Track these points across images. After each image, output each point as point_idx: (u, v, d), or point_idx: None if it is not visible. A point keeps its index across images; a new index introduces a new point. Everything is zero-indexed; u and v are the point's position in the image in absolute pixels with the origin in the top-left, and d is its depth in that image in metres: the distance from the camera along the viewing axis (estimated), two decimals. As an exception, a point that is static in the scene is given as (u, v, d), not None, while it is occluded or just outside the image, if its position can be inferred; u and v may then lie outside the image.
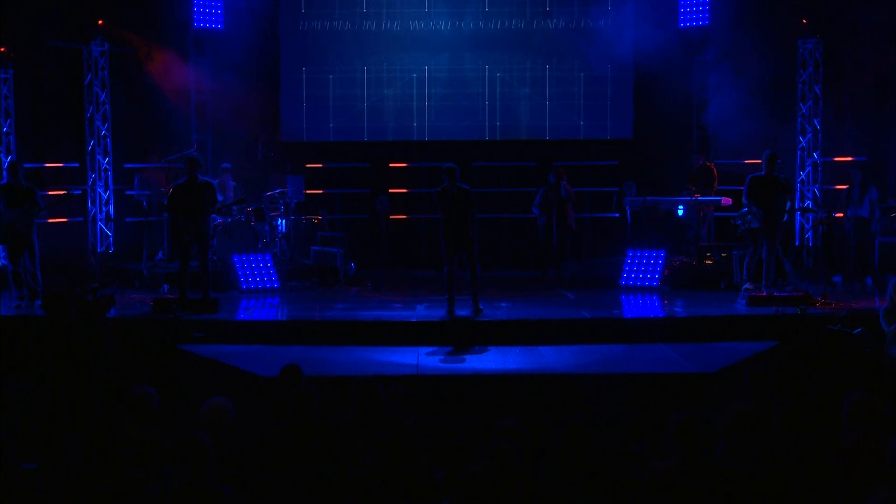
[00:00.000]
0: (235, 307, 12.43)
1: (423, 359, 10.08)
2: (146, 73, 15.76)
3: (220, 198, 12.85)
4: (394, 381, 8.37)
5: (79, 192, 14.91)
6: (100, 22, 15.39)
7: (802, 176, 15.62)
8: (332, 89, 16.70)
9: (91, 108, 15.51)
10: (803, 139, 15.66)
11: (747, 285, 12.36)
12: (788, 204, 12.51)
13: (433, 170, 16.60)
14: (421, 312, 11.83)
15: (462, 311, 11.52)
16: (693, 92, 16.34)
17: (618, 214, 15.96)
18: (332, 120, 16.75)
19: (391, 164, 17.02)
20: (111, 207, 15.68)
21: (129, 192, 15.48)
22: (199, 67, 16.20)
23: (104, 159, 15.64)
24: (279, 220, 15.08)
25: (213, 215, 12.82)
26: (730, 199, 14.26)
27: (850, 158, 15.17)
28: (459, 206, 11.32)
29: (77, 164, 15.55)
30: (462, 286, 11.82)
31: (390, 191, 16.75)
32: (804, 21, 15.45)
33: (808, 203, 15.30)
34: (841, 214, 13.91)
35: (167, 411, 6.71)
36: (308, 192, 15.76)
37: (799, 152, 15.71)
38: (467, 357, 10.20)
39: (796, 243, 15.52)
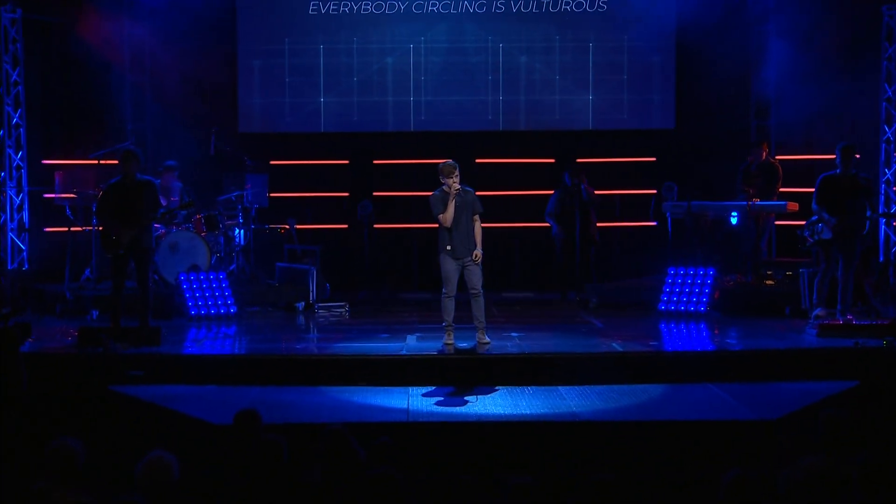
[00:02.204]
0: (182, 338, 12.39)
1: (416, 402, 10.05)
2: (70, 47, 15.73)
3: (163, 202, 12.82)
4: (378, 429, 8.33)
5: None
6: (10, -18, 15.42)
7: (888, 175, 15.59)
8: (301, 68, 16.69)
9: (0, 91, 15.50)
10: (889, 129, 15.65)
11: (818, 311, 12.32)
12: (868, 210, 12.49)
13: (428, 168, 16.61)
14: (412, 344, 11.80)
15: (463, 343, 11.50)
16: (751, 71, 16.35)
17: (656, 223, 15.95)
18: (302, 106, 16.74)
19: (375, 161, 17.01)
20: (25, 214, 15.63)
21: (49, 196, 15.45)
22: (136, 40, 16.21)
23: (16, 154, 15.60)
24: (236, 230, 15.06)
25: (155, 224, 12.78)
26: (796, 205, 14.25)
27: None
28: (463, 214, 11.30)
29: (-17, 161, 15.54)
30: (464, 312, 11.79)
31: (374, 194, 16.74)
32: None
33: (894, 208, 15.28)
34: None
35: (95, 469, 6.67)
36: (272, 195, 15.75)
37: (883, 146, 15.69)
38: (470, 399, 10.16)
39: (880, 259, 15.49)
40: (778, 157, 15.51)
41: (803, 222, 12.79)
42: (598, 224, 15.54)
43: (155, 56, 16.21)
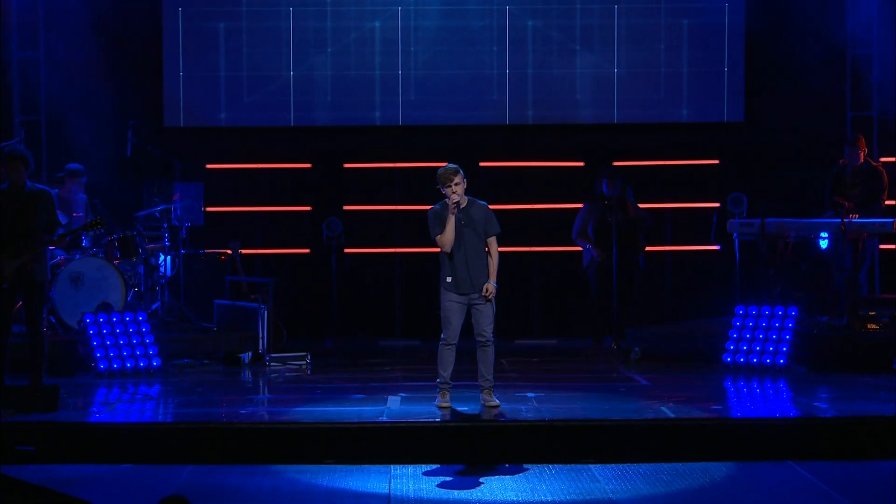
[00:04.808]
0: (88, 401, 12.35)
1: (400, 485, 10.03)
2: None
3: (62, 220, 12.80)
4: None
5: None
6: None
7: None
8: (248, 43, 16.71)
9: None
10: None
11: (935, 365, 12.35)
12: None
13: (416, 173, 16.64)
14: (395, 408, 11.78)
15: (464, 407, 11.50)
16: (845, 48, 16.37)
17: (719, 247, 15.96)
18: (250, 92, 16.76)
19: (347, 165, 17.02)
20: None
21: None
22: (26, 3, 16.19)
23: None
24: (161, 257, 15.05)
25: (52, 248, 12.76)
26: (907, 222, 14.30)
27: None
28: (469, 236, 11.27)
29: None
30: (464, 366, 11.79)
31: (345, 208, 16.74)
32: None
33: None
34: None
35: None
36: (210, 209, 15.77)
37: None
38: (474, 482, 10.15)
39: None
40: (882, 160, 15.52)
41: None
42: (646, 248, 15.55)
43: (52, 25, 16.21)
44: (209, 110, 16.80)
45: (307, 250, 16.79)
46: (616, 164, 15.82)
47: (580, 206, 15.54)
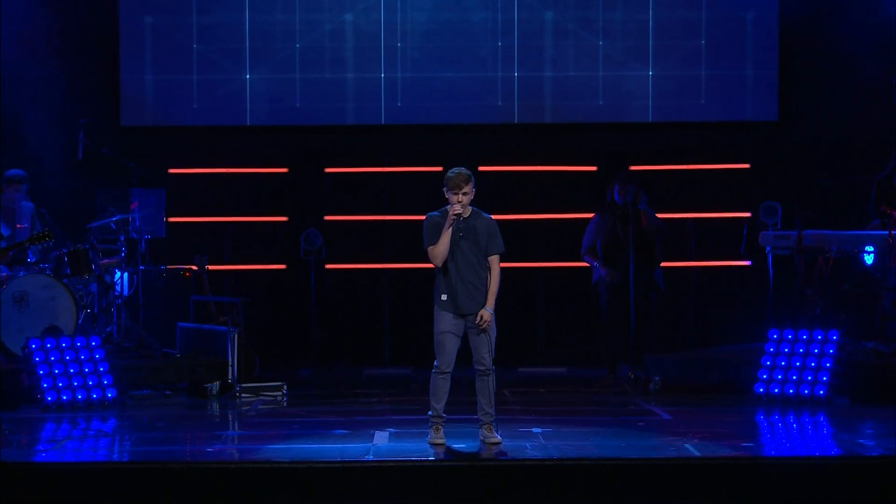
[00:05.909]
0: (33, 438, 12.32)
1: (388, 535, 10.03)
2: None
3: (5, 232, 12.78)
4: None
5: None
6: None
7: None
8: (216, 29, 16.71)
9: None
10: None
11: None
12: None
13: (406, 179, 16.63)
14: (382, 446, 11.75)
15: (460, 444, 11.46)
16: (891, 39, 16.36)
17: (750, 263, 15.93)
18: (218, 87, 16.75)
19: (328, 169, 17.00)
20: None
21: None
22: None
23: None
24: (118, 274, 15.02)
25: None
26: (962, 236, 14.28)
27: None
28: (465, 250, 11.20)
29: None
30: (461, 396, 11.75)
31: (326, 218, 16.71)
32: None
33: None
34: None
35: None
36: (172, 219, 15.75)
37: None
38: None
39: None
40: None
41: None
42: (664, 264, 15.50)
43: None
44: (172, 108, 16.80)
45: (283, 266, 16.77)
46: (633, 168, 15.79)
47: (591, 215, 15.49)
